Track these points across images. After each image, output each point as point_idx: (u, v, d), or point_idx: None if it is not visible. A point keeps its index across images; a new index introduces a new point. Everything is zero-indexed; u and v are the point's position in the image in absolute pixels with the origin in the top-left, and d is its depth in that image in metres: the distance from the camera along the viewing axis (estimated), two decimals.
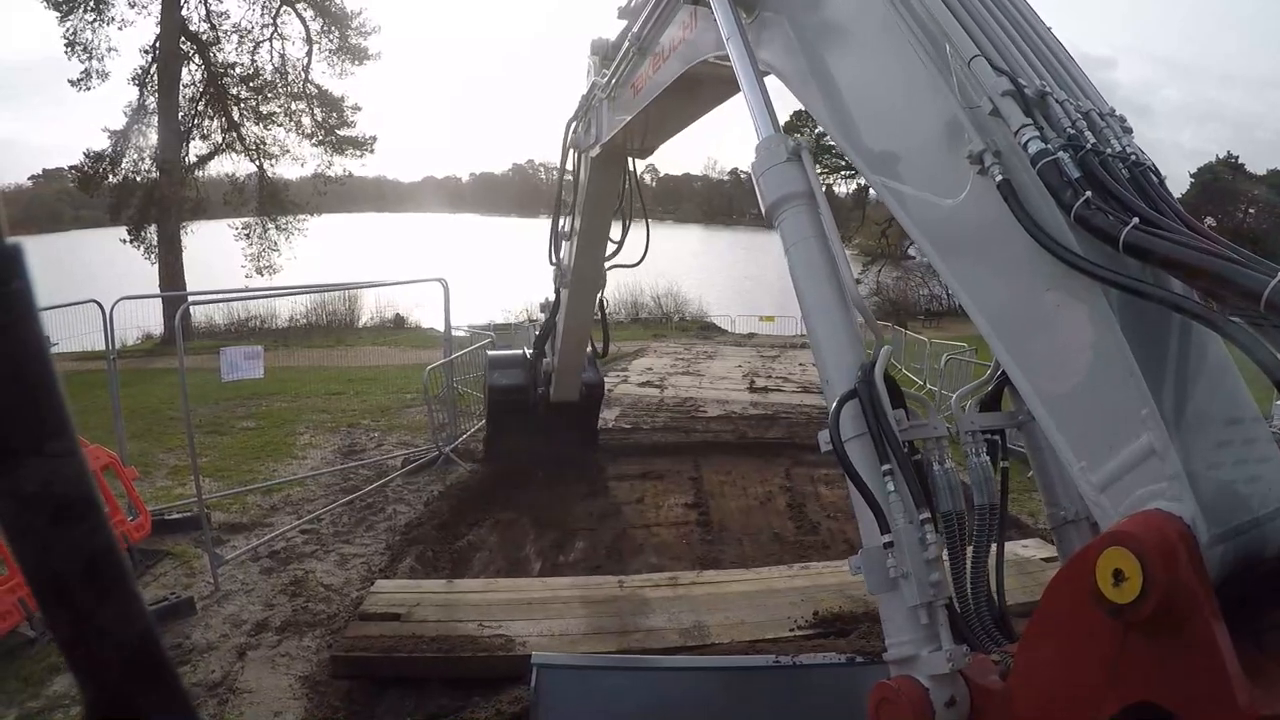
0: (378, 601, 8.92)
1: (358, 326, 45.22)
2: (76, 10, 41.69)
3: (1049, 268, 2.89)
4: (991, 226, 3.12)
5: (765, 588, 9.46)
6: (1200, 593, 2.35)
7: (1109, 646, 2.53)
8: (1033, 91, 3.03)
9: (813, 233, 4.02)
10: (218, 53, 45.27)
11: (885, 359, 3.60)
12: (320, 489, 13.78)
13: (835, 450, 3.53)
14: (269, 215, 47.69)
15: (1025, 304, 3.13)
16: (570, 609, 8.89)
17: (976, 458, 3.81)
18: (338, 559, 10.73)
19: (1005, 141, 3.02)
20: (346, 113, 48.78)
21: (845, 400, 3.53)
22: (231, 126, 45.95)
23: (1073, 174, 2.80)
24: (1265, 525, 2.70)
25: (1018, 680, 3.01)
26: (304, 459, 15.77)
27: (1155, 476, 2.67)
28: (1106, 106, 3.35)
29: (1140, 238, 2.58)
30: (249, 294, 35.85)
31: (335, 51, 47.36)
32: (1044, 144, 2.86)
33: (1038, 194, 2.90)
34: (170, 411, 18.25)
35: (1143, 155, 3.16)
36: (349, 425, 18.46)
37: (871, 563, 3.40)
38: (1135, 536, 2.43)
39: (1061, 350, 3.02)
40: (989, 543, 3.79)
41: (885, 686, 3.29)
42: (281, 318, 43.26)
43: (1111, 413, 2.82)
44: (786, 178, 4.14)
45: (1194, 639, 2.34)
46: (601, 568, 10.66)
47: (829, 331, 3.88)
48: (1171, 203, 2.97)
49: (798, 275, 4.05)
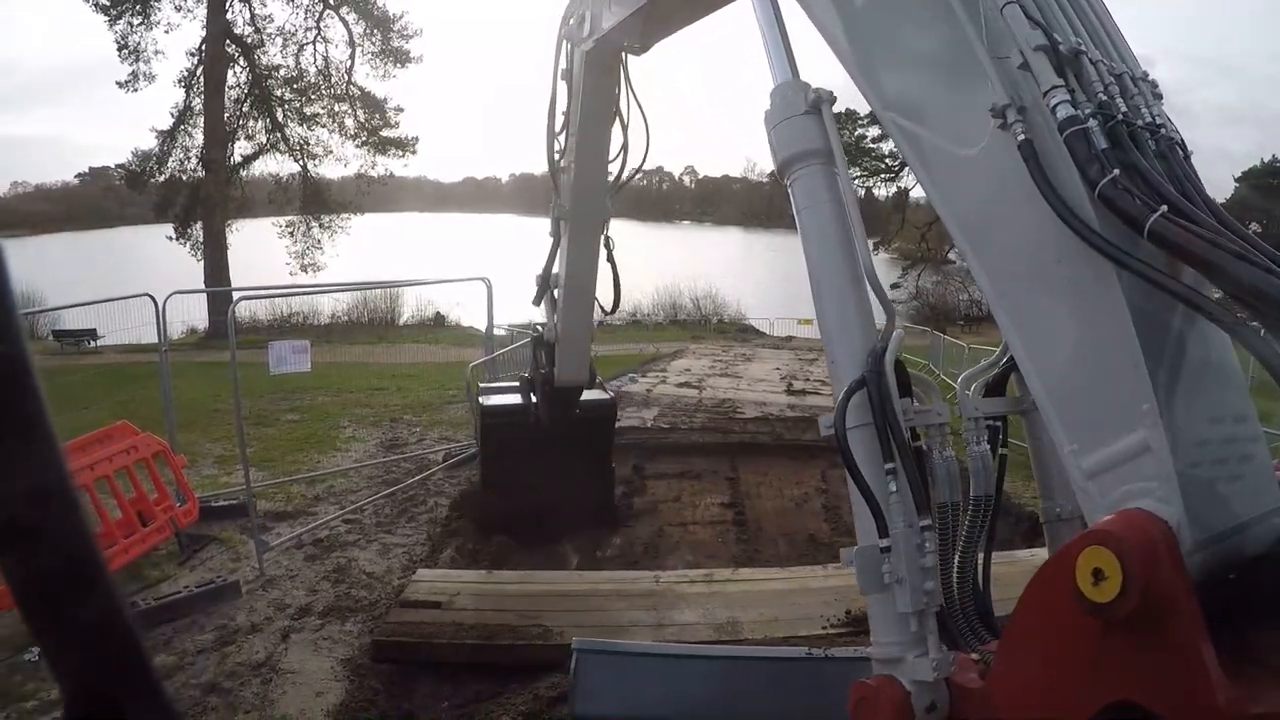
0: (418, 590, 9.09)
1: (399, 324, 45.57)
2: (124, 14, 42.39)
3: (1063, 239, 2.76)
4: (1006, 185, 2.96)
5: (799, 586, 9.49)
6: (1180, 593, 2.37)
7: (1089, 646, 2.53)
8: (1067, 49, 2.86)
9: (828, 197, 3.77)
10: (262, 55, 46.01)
11: (897, 345, 3.43)
12: (363, 481, 13.95)
13: (838, 445, 3.37)
14: (312, 214, 48.22)
15: (1034, 273, 3.00)
16: (607, 602, 8.99)
17: (977, 445, 3.72)
18: (379, 548, 10.91)
19: (1031, 98, 2.85)
20: (389, 114, 49.27)
21: (853, 391, 3.37)
22: (275, 127, 46.54)
23: (1100, 145, 2.67)
24: (1248, 529, 2.70)
25: (998, 679, 3.01)
26: (347, 451, 15.96)
27: (1146, 474, 2.66)
28: (1140, 70, 3.18)
29: (1167, 228, 2.48)
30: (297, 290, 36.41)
31: (378, 54, 47.83)
32: (1074, 109, 2.71)
33: (1060, 160, 2.76)
34: (215, 404, 18.52)
35: (1171, 127, 3.02)
36: (391, 420, 18.60)
37: (866, 563, 3.29)
38: (1116, 536, 2.42)
39: (1066, 328, 2.92)
40: (980, 535, 3.73)
41: (865, 686, 3.25)
42: (324, 314, 43.74)
43: (1111, 401, 2.76)
44: (803, 132, 3.84)
45: (1173, 639, 2.36)
46: (638, 563, 10.75)
47: (838, 308, 3.67)
48: (1197, 184, 2.86)
49: (808, 243, 3.81)
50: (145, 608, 8.63)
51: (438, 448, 15.97)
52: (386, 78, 48.62)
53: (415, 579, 9.43)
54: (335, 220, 48.99)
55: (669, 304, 58.22)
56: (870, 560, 3.27)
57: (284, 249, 48.18)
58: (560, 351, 10.53)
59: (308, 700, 7.42)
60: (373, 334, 39.85)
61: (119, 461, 9.58)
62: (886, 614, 3.30)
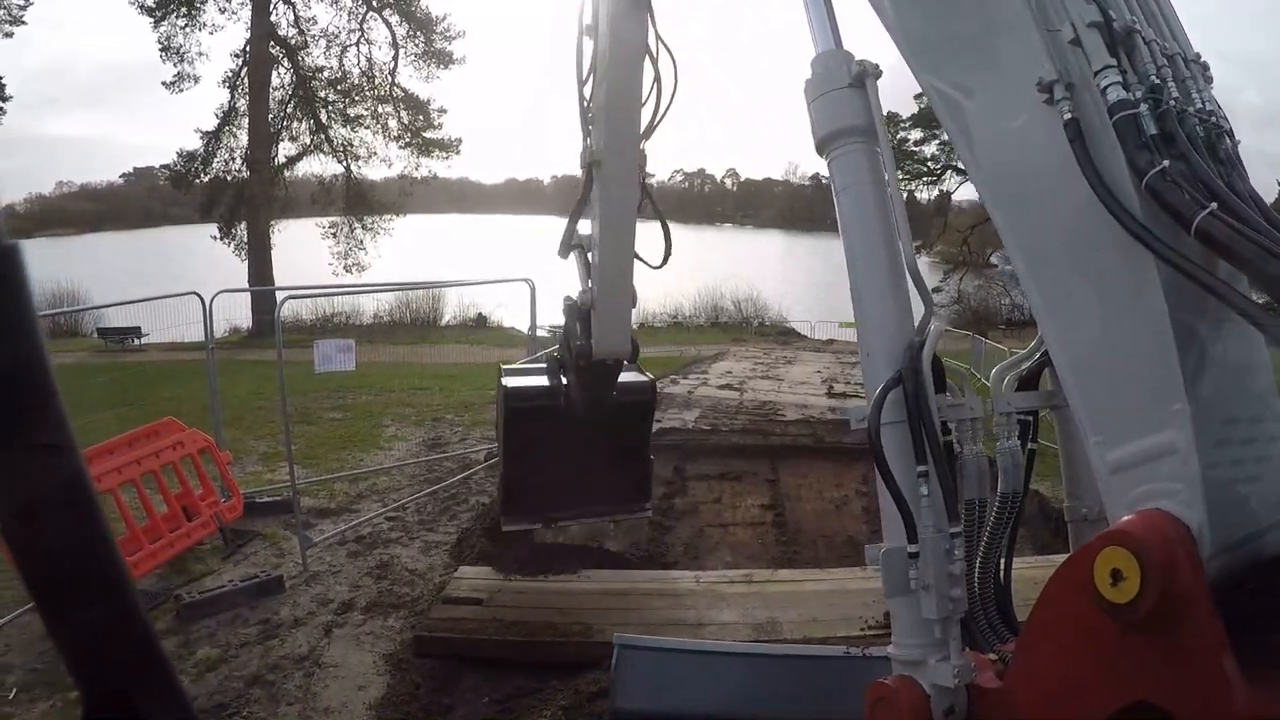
0: (460, 586, 9.15)
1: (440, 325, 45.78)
2: (169, 15, 42.89)
3: (1102, 225, 2.64)
4: (1047, 161, 2.84)
5: (838, 588, 9.45)
6: (1198, 595, 2.33)
7: (1107, 646, 2.50)
8: (1121, 26, 2.73)
9: (869, 178, 3.56)
10: (306, 57, 46.51)
11: (935, 340, 3.32)
12: (405, 479, 14.06)
13: (870, 444, 3.24)
14: (355, 215, 48.52)
15: (1069, 257, 2.89)
16: (648, 601, 9.01)
17: (1007, 441, 3.55)
18: (422, 546, 10.99)
19: (1080, 75, 2.72)
20: (432, 115, 49.49)
21: (890, 388, 3.25)
22: (319, 128, 46.94)
23: (1150, 130, 2.56)
24: (1266, 534, 2.67)
25: (1015, 679, 2.98)
26: (390, 450, 16.08)
27: (1170, 476, 2.59)
28: (1192, 51, 3.06)
29: (1214, 226, 2.37)
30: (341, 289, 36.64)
31: (421, 56, 48.13)
32: (1125, 92, 2.60)
33: (1106, 142, 2.64)
34: (258, 401, 18.70)
35: (1220, 113, 2.91)
36: (433, 419, 18.74)
37: (892, 567, 3.22)
38: (1134, 536, 2.40)
39: (1100, 316, 2.82)
40: (1005, 532, 3.60)
41: (883, 686, 3.22)
42: (366, 314, 44.04)
43: (1142, 398, 2.69)
44: (845, 107, 3.60)
45: (1191, 640, 2.33)
46: (679, 564, 10.78)
47: (876, 296, 3.50)
48: (1244, 176, 2.78)
49: (846, 225, 3.60)
50: (190, 601, 8.75)
51: (479, 447, 16.03)
52: (430, 79, 48.95)
53: (457, 576, 9.49)
54: (378, 221, 49.30)
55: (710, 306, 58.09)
56: (897, 564, 3.21)
57: (327, 249, 48.61)
58: (598, 318, 8.91)
59: (349, 694, 7.49)
60: (415, 334, 40.10)
61: (165, 457, 9.71)
62: (910, 616, 3.25)
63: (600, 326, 8.85)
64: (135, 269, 62.02)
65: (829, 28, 3.82)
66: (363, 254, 48.68)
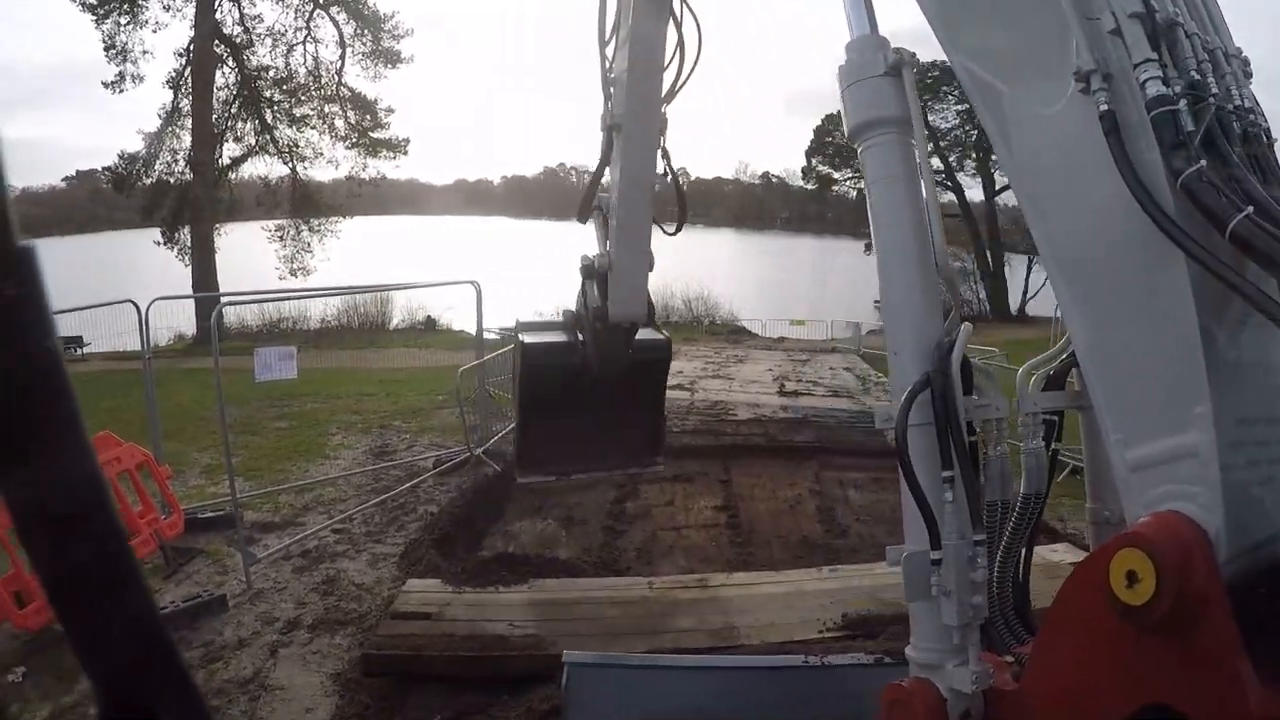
0: (409, 600, 8.95)
1: (389, 328, 45.43)
2: (112, 13, 42.17)
3: (1134, 221, 2.61)
4: (1080, 152, 2.81)
5: (795, 590, 9.43)
6: (1214, 597, 2.33)
7: (1122, 648, 2.50)
8: (1163, 18, 2.69)
9: (902, 171, 3.54)
10: (251, 56, 45.90)
11: (965, 339, 3.29)
12: (352, 489, 13.83)
13: (897, 447, 3.21)
14: (302, 217, 48.07)
15: (1098, 251, 2.87)
16: (600, 610, 8.89)
17: (1032, 442, 3.54)
18: (369, 558, 10.78)
19: (1119, 66, 2.69)
20: (380, 115, 49.17)
21: (918, 391, 3.21)
22: (265, 129, 46.43)
23: (1187, 128, 2.53)
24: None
25: (1031, 681, 2.99)
26: (336, 459, 15.84)
27: (1190, 479, 2.58)
28: (1234, 46, 3.02)
29: (1250, 230, 2.34)
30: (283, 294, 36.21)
31: (368, 55, 47.80)
32: (1164, 87, 2.56)
33: (1143, 137, 2.61)
34: (202, 411, 18.39)
35: (1259, 111, 2.87)
36: (380, 426, 18.51)
37: (914, 572, 3.22)
38: (1150, 539, 2.40)
39: (1126, 313, 2.80)
40: (1025, 533, 3.61)
41: (899, 689, 3.24)
42: (313, 319, 43.58)
43: (1164, 398, 2.68)
44: (879, 96, 3.57)
45: (1207, 643, 2.32)
46: (632, 569, 10.69)
47: (906, 293, 3.46)
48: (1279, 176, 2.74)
49: (878, 219, 3.58)
50: None
51: (428, 454, 15.84)
52: (377, 79, 48.63)
53: (405, 590, 9.27)
54: (325, 224, 48.86)
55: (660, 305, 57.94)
56: (919, 569, 3.20)
57: (273, 253, 48.05)
58: (614, 282, 9.11)
59: (297, 717, 7.31)
60: (363, 339, 39.73)
61: None
62: (929, 621, 3.27)
63: (617, 290, 9.03)
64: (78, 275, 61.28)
65: (865, 12, 3.77)
66: (309, 257, 48.21)
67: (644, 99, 8.35)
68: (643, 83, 8.27)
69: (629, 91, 8.24)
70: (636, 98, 8.28)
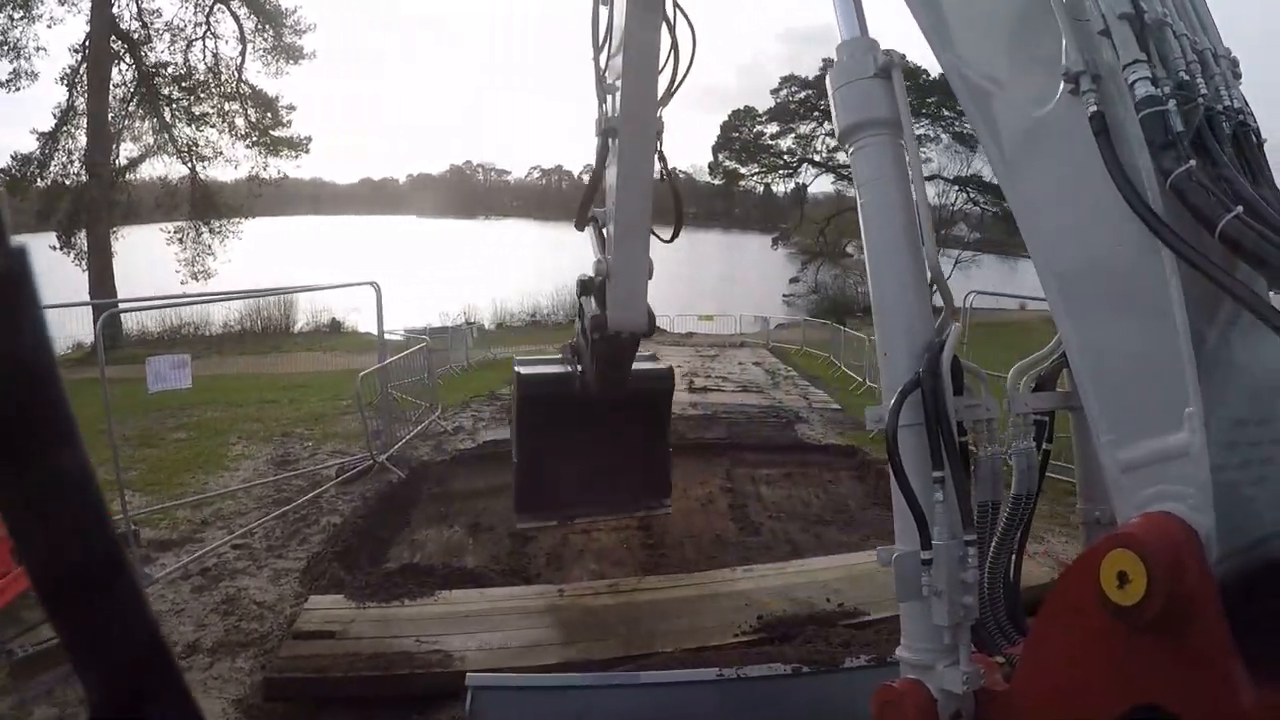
0: (311, 618, 8.72)
1: (293, 332, 44.84)
2: (4, 8, 40.86)
3: (1124, 222, 2.64)
4: (1070, 153, 2.83)
5: (708, 592, 9.43)
6: (1205, 597, 2.34)
7: (1113, 649, 2.51)
8: (1152, 18, 2.70)
9: (893, 172, 3.55)
10: (149, 52, 44.85)
11: (955, 340, 3.30)
12: (253, 501, 13.50)
13: (888, 449, 3.28)
14: (202, 219, 47.17)
15: (1090, 251, 2.88)
16: (509, 621, 8.74)
17: (1023, 442, 3.55)
18: (270, 574, 10.51)
19: (1108, 67, 2.72)
20: (281, 113, 48.58)
21: (908, 392, 3.25)
22: (163, 128, 45.42)
23: (1176, 128, 2.55)
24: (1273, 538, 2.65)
25: (1022, 681, 3.00)
26: (236, 470, 15.47)
27: (1180, 479, 2.59)
28: (1223, 47, 3.00)
29: (1240, 230, 2.34)
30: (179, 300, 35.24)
31: (269, 50, 47.13)
32: (1153, 88, 2.58)
33: (1132, 137, 2.63)
34: (100, 424, 17.77)
35: (1248, 111, 2.88)
36: (283, 434, 18.20)
37: (905, 572, 3.24)
38: (1141, 540, 2.41)
39: (1117, 314, 2.84)
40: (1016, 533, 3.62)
41: (891, 689, 3.22)
42: (215, 324, 42.82)
43: (1154, 399, 2.69)
44: (869, 98, 3.59)
45: (1198, 643, 2.34)
46: (541, 576, 10.53)
47: (897, 294, 3.48)
48: (1269, 177, 2.75)
49: (868, 220, 3.59)
50: (23, 655, 8.10)
51: (331, 462, 15.61)
52: (278, 75, 47.96)
53: (308, 607, 9.04)
54: (226, 225, 47.99)
55: (568, 304, 58.38)
56: (909, 569, 3.21)
57: (173, 256, 46.95)
58: (613, 290, 8.97)
59: None
60: (266, 343, 39.14)
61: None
62: (919, 621, 3.27)
63: (615, 298, 8.93)
64: None
65: (855, 15, 3.79)
66: (210, 260, 47.24)
67: (640, 103, 8.37)
68: (639, 87, 8.33)
69: (625, 96, 8.29)
70: (633, 102, 8.33)
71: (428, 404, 19.07)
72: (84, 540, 0.94)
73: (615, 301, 8.94)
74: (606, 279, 8.97)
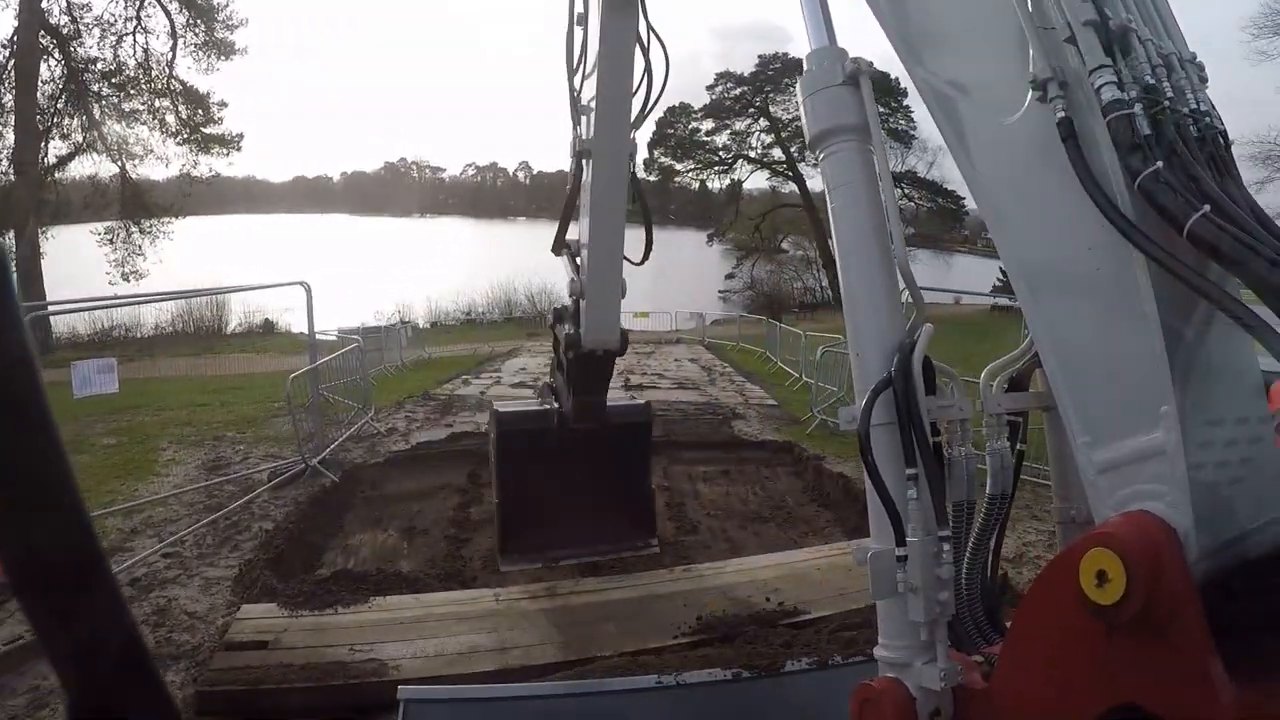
0: (244, 628, 8.59)
1: (226, 333, 44.38)
2: None
3: (1095, 225, 2.66)
4: (1039, 160, 2.86)
5: (647, 593, 9.40)
6: (1185, 596, 2.35)
7: (1093, 648, 2.51)
8: (1117, 25, 2.75)
9: (862, 176, 3.58)
10: (78, 47, 44.18)
11: (926, 340, 3.33)
12: (184, 508, 13.26)
13: (860, 447, 3.28)
14: (133, 218, 46.57)
15: (1061, 255, 2.92)
16: (445, 627, 8.64)
17: (997, 442, 3.59)
18: (201, 583, 10.31)
19: (1074, 73, 2.75)
20: (212, 109, 48.14)
21: (880, 391, 3.27)
22: (93, 125, 44.90)
23: (1144, 131, 2.57)
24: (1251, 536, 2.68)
25: (1001, 681, 3.00)
26: (167, 476, 15.23)
27: (1157, 478, 2.62)
28: (1188, 52, 3.06)
29: (1207, 228, 2.39)
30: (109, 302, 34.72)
31: (201, 46, 46.67)
32: (1120, 92, 2.60)
33: (1101, 142, 2.66)
34: None
35: (1214, 113, 2.93)
36: (214, 438, 18.00)
37: (879, 570, 3.24)
38: (1119, 538, 2.41)
39: (1091, 316, 2.86)
40: (992, 533, 3.64)
41: (869, 688, 3.22)
42: (148, 326, 42.30)
43: (1129, 398, 2.72)
44: (839, 105, 3.62)
45: (1178, 642, 2.34)
46: (478, 579, 10.44)
47: (868, 296, 3.52)
48: (1237, 177, 2.79)
49: (839, 225, 3.60)
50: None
51: (263, 466, 15.43)
52: (210, 71, 47.48)
53: (240, 617, 8.90)
54: (157, 225, 47.41)
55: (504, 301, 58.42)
56: (885, 566, 3.22)
57: (104, 257, 46.25)
58: (587, 308, 9.34)
59: None
60: (198, 345, 38.67)
61: None
62: (896, 618, 3.27)
63: (589, 317, 9.31)
64: None
65: (823, 24, 3.84)
66: (141, 260, 46.65)
67: (614, 125, 8.61)
68: (612, 111, 8.55)
69: (599, 118, 8.53)
70: (606, 125, 8.59)
71: (361, 405, 18.97)
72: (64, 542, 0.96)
73: (589, 320, 9.28)
74: (581, 298, 9.28)
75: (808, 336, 26.79)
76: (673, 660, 7.34)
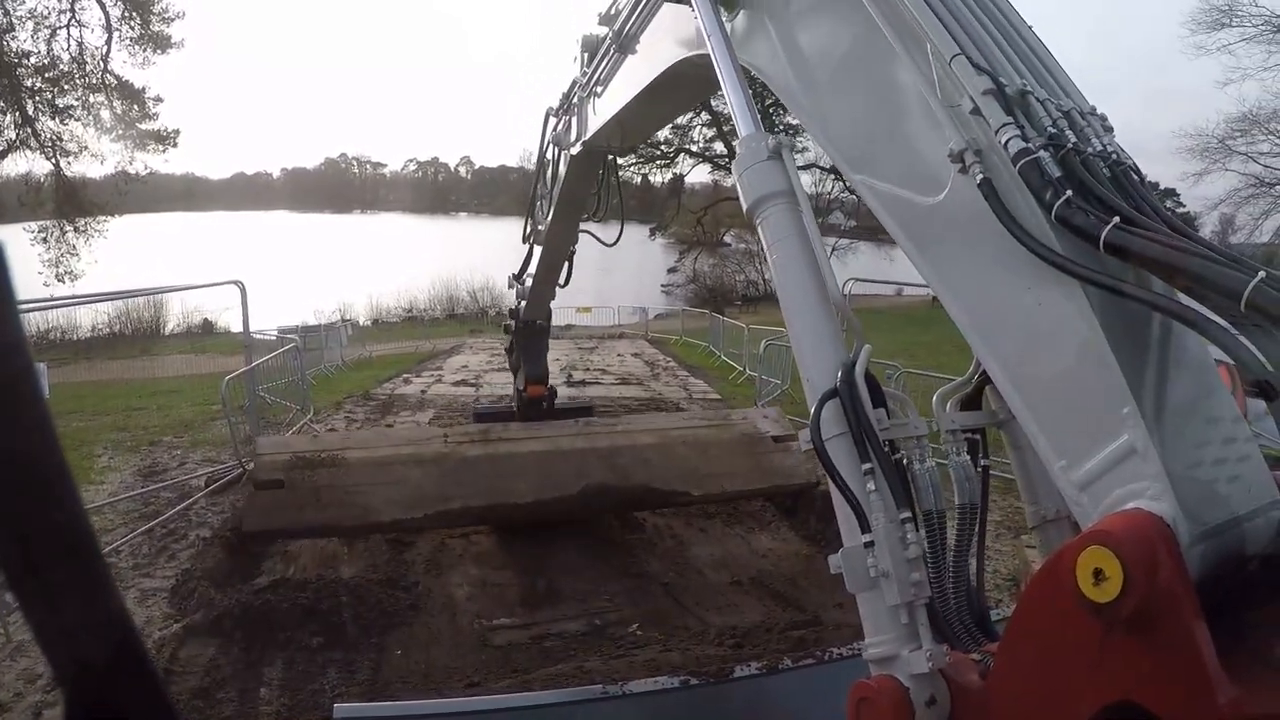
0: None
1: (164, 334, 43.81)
2: None
3: (1030, 267, 2.87)
4: (972, 225, 3.09)
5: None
6: (1181, 592, 2.36)
7: (1089, 646, 2.52)
8: (1013, 90, 3.03)
9: (794, 231, 3.92)
10: (10, 41, 43.15)
11: (866, 357, 3.53)
12: (119, 517, 13.07)
13: (816, 450, 3.43)
14: (67, 217, 45.75)
15: (1005, 302, 3.12)
16: None
17: (958, 457, 3.72)
18: (137, 595, 10.15)
19: (986, 140, 2.98)
20: (148, 105, 47.37)
21: (826, 399, 3.45)
22: (26, 121, 44.07)
23: (1054, 173, 2.77)
24: (1245, 524, 2.72)
25: (997, 679, 3.00)
26: (102, 484, 14.97)
27: (1136, 476, 2.69)
28: (1088, 105, 3.35)
29: (1121, 237, 2.55)
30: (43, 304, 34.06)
31: (136, 39, 45.82)
32: (1025, 143, 2.82)
33: (1019, 193, 2.87)
34: None
35: (1124, 154, 3.15)
36: (150, 443, 17.78)
37: (852, 562, 3.33)
38: (1115, 535, 2.41)
39: (1042, 349, 3.02)
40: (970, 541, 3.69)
41: (865, 686, 3.22)
42: (84, 328, 41.64)
43: (1092, 411, 2.82)
44: (768, 176, 4.01)
45: (1174, 638, 2.35)
46: (420, 584, 10.35)
47: (809, 330, 3.81)
48: (1153, 201, 2.95)
49: (781, 274, 3.92)
50: None
51: (200, 471, 15.26)
52: (146, 65, 46.74)
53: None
54: (92, 224, 46.55)
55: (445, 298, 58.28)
56: (855, 558, 3.32)
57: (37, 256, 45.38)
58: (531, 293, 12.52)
59: None
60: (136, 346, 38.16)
61: None
62: (877, 611, 3.34)
63: (531, 298, 12.60)
64: None
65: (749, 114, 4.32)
66: (76, 261, 45.79)
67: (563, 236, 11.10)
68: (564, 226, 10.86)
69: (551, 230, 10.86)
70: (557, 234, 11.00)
71: (300, 406, 18.87)
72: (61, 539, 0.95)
73: (530, 301, 12.60)
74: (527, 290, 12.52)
75: (751, 330, 26.98)
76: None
